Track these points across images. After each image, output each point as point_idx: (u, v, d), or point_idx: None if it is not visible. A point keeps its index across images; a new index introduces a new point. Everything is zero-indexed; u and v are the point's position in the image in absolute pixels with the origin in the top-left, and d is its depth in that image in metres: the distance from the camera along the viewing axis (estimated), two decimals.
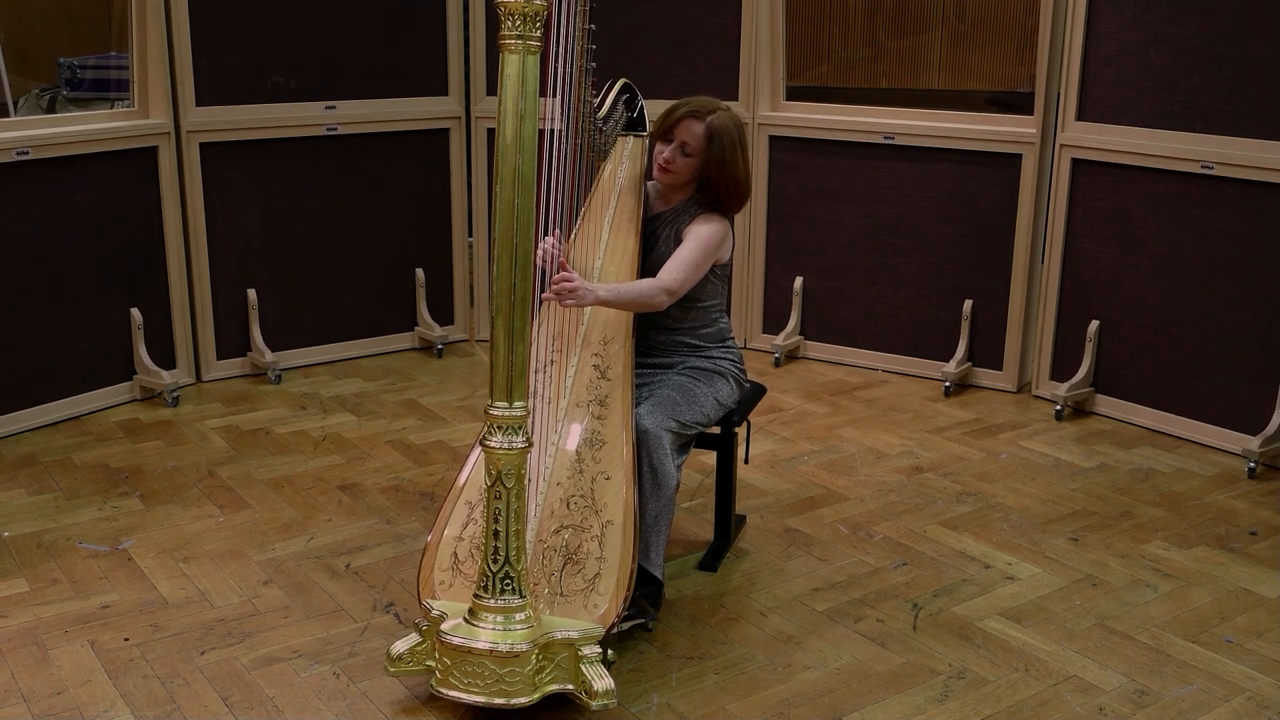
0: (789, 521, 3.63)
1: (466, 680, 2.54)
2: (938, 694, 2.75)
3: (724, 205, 3.16)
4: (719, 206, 3.16)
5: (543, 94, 2.60)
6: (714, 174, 3.11)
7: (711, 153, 3.09)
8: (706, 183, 3.14)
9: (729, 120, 3.11)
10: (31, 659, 2.85)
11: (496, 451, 2.55)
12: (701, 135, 3.09)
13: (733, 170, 3.11)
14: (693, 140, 3.09)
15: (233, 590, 3.19)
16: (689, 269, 3.04)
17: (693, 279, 3.06)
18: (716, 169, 3.10)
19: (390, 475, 3.93)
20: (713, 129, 3.08)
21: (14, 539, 3.46)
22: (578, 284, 2.82)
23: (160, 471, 3.93)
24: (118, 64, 5.80)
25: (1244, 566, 3.38)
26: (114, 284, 4.46)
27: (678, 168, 3.13)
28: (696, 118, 3.09)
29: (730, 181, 3.12)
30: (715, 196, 3.15)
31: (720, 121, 3.09)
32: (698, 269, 3.06)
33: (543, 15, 2.48)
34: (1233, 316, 4.16)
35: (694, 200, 3.18)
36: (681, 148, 3.11)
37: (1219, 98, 4.07)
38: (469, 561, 2.79)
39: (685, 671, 2.82)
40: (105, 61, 5.79)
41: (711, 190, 3.14)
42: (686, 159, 3.12)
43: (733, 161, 3.10)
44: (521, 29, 2.46)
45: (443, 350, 5.17)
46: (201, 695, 2.71)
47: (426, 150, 5.10)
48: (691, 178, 3.16)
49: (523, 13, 2.46)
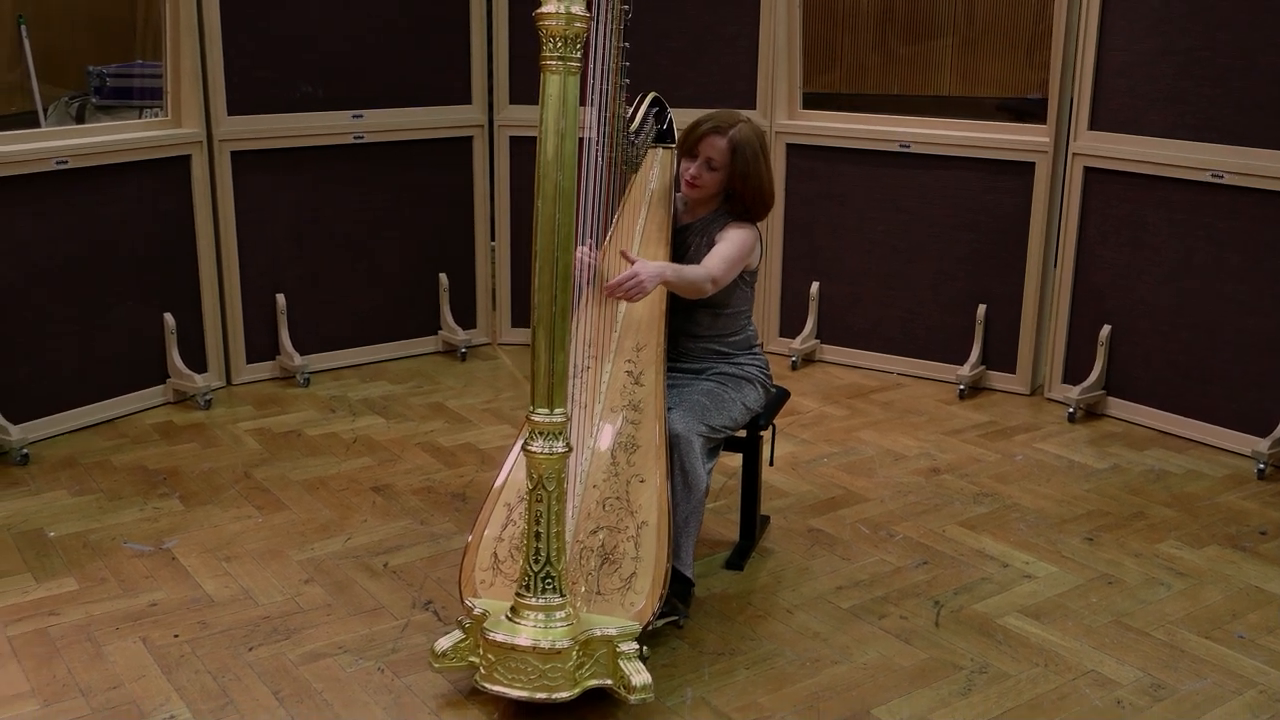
0: (811, 522, 3.73)
1: (510, 676, 2.65)
2: (961, 688, 2.85)
3: (751, 214, 3.27)
4: (746, 215, 3.27)
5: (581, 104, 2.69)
6: (739, 185, 3.22)
7: (736, 165, 3.20)
8: (733, 194, 3.25)
9: (751, 132, 3.22)
10: (86, 655, 2.96)
11: (538, 456, 2.66)
12: (725, 149, 3.19)
13: (757, 181, 3.22)
14: (717, 155, 3.20)
15: (275, 589, 3.29)
16: (729, 263, 3.17)
17: (731, 274, 3.18)
18: (741, 181, 3.21)
19: (422, 477, 4.04)
20: (735, 142, 3.19)
21: (60, 539, 3.56)
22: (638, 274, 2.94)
23: (197, 473, 4.04)
24: (141, 72, 5.92)
25: (1255, 565, 3.48)
26: (148, 289, 4.57)
27: (704, 182, 3.24)
28: (719, 133, 3.19)
29: (755, 191, 3.23)
30: (742, 207, 3.26)
31: (743, 134, 3.20)
32: (735, 265, 3.19)
33: (583, 37, 2.58)
34: (1242, 321, 4.26)
35: (722, 210, 3.29)
36: (707, 163, 3.21)
37: (1229, 109, 4.18)
38: (509, 561, 2.89)
39: (717, 667, 2.93)
40: (133, 70, 5.91)
41: (738, 201, 3.25)
42: (712, 173, 3.22)
43: (756, 173, 3.21)
44: (562, 51, 2.56)
45: (466, 354, 5.27)
46: (252, 689, 2.82)
47: (450, 158, 5.21)
48: (718, 190, 3.27)
49: (563, 35, 2.55)
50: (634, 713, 2.72)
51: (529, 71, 5.11)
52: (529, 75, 5.13)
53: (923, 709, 2.77)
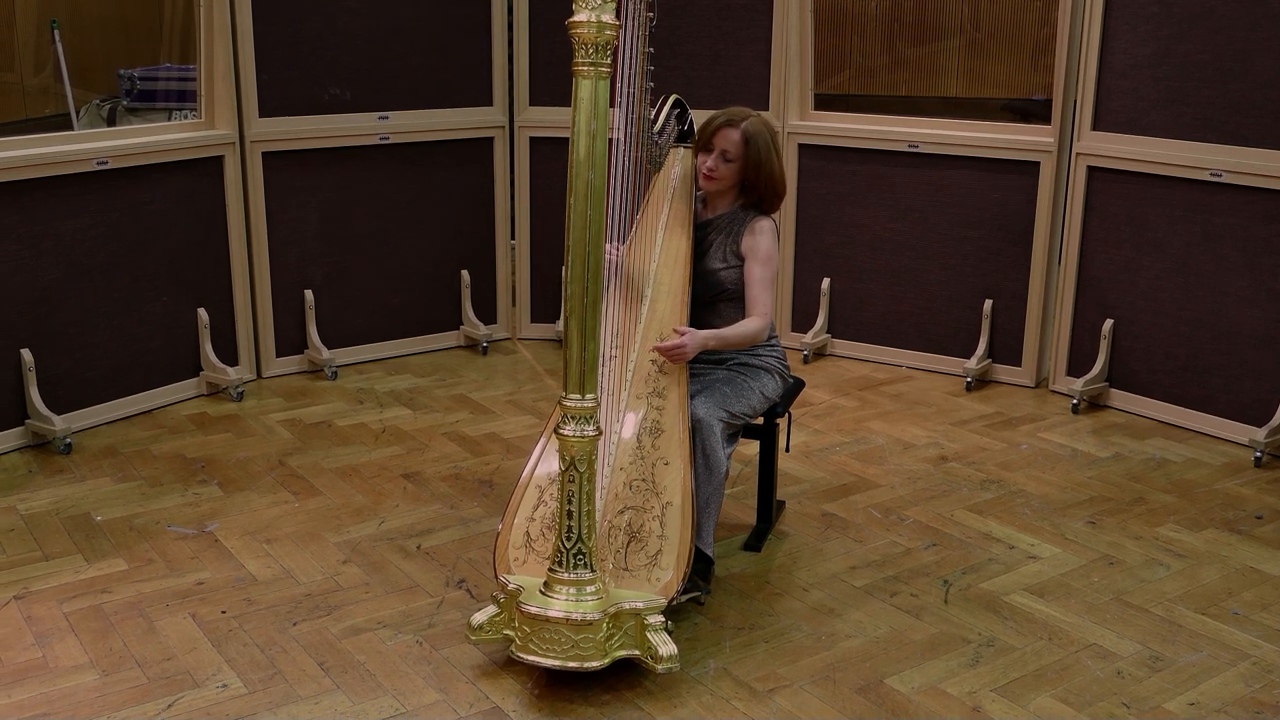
0: (825, 506, 3.89)
1: (544, 646, 2.81)
2: (969, 659, 3.01)
3: (765, 203, 3.46)
4: (761, 206, 3.44)
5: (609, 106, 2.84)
6: (753, 176, 3.40)
7: (749, 156, 3.38)
8: (747, 184, 3.43)
9: (761, 124, 3.40)
10: (139, 629, 3.12)
11: (570, 439, 2.81)
12: (739, 140, 3.37)
13: (769, 169, 3.40)
14: (731, 146, 3.37)
15: (315, 569, 3.45)
16: (769, 288, 3.40)
17: (773, 292, 3.41)
18: (755, 171, 3.39)
19: (449, 465, 4.20)
20: (748, 133, 3.36)
21: (106, 523, 3.73)
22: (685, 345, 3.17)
23: (233, 461, 4.21)
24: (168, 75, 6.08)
25: (1251, 547, 3.64)
26: (182, 285, 4.74)
27: (721, 174, 3.41)
28: (732, 125, 3.37)
29: (768, 180, 3.41)
30: (757, 196, 3.44)
31: (754, 126, 3.38)
32: (774, 282, 3.42)
33: (613, 44, 2.73)
34: (1240, 315, 4.41)
35: (739, 205, 3.46)
36: (722, 155, 3.39)
37: (1227, 110, 4.33)
38: (541, 540, 3.05)
39: (737, 640, 3.09)
40: (159, 73, 6.06)
41: (753, 191, 3.43)
42: (728, 164, 3.40)
43: (769, 161, 3.39)
44: (594, 57, 2.71)
45: (487, 348, 5.43)
46: (299, 661, 2.98)
47: (472, 158, 5.38)
48: (734, 182, 3.44)
49: (594, 43, 2.71)
50: (661, 681, 2.88)
51: (549, 74, 5.31)
52: (549, 78, 5.32)
53: (933, 678, 2.93)
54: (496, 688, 2.88)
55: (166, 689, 2.86)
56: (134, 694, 2.84)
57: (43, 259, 4.28)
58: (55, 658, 2.98)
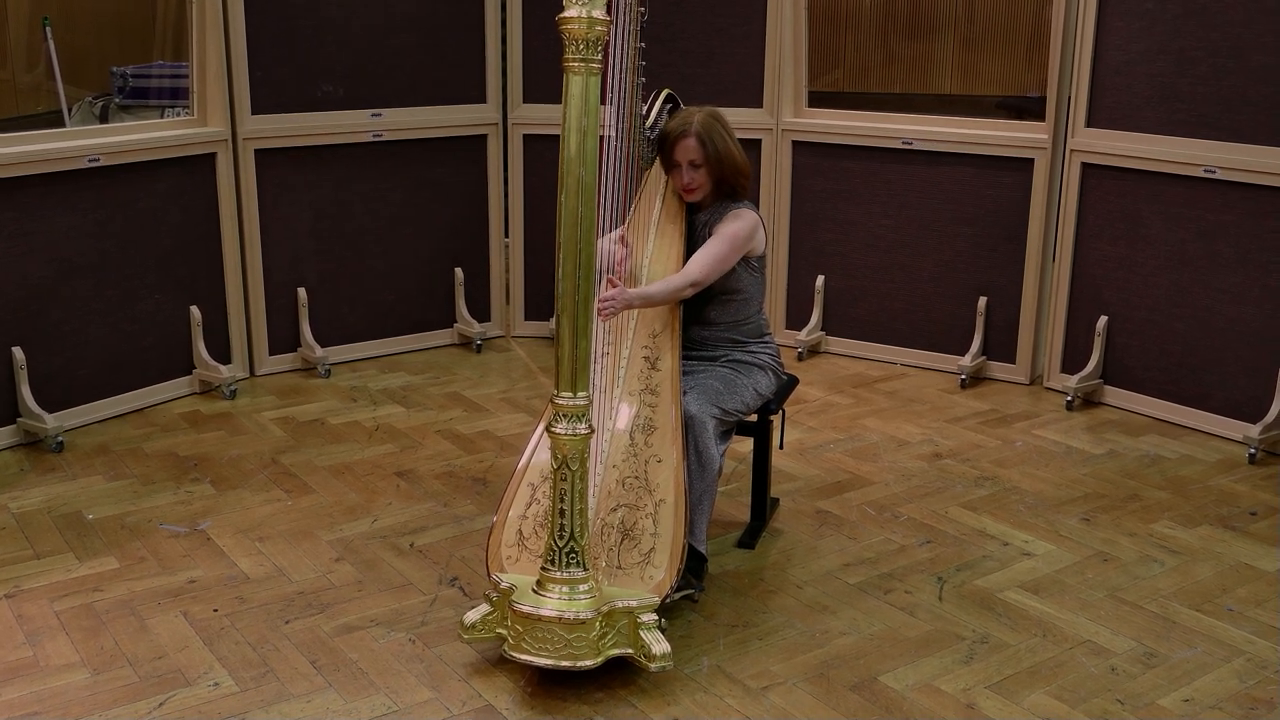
0: (819, 504, 3.88)
1: (537, 645, 2.80)
2: (963, 656, 3.00)
3: (736, 188, 3.46)
4: (735, 193, 3.45)
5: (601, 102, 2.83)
6: (719, 169, 3.41)
7: (711, 154, 3.38)
8: (717, 179, 3.43)
9: (707, 118, 3.41)
10: (131, 628, 3.11)
11: (562, 437, 2.80)
12: (697, 145, 3.38)
13: (729, 157, 3.41)
14: (694, 153, 3.39)
15: (307, 567, 3.44)
16: (714, 261, 3.33)
17: (718, 270, 3.35)
18: (719, 165, 3.40)
19: (443, 462, 4.19)
20: (701, 134, 3.38)
21: (98, 521, 3.72)
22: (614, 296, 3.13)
23: (226, 459, 4.19)
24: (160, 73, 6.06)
25: (1245, 544, 3.63)
26: (175, 283, 4.73)
27: (698, 182, 3.42)
28: (685, 134, 3.38)
29: (731, 167, 3.42)
30: (729, 186, 3.44)
31: (703, 124, 3.39)
32: (723, 262, 3.35)
33: (603, 40, 2.72)
34: (1234, 312, 4.41)
35: (718, 199, 3.46)
36: (690, 165, 3.39)
37: (1220, 106, 4.33)
38: (533, 538, 3.04)
39: (731, 638, 3.08)
40: (152, 70, 6.04)
41: (725, 182, 3.43)
42: (698, 170, 3.41)
43: (727, 150, 3.41)
44: (584, 53, 2.70)
45: (481, 346, 5.42)
46: (290, 659, 2.97)
47: (465, 155, 5.36)
48: (712, 183, 3.44)
49: (585, 38, 2.70)
50: (654, 680, 2.87)
51: (542, 71, 5.29)
52: (541, 75, 5.30)
53: (927, 675, 2.92)
54: (489, 686, 2.87)
55: (158, 687, 2.85)
56: (125, 692, 2.83)
57: (34, 256, 4.27)
58: (46, 656, 2.97)
